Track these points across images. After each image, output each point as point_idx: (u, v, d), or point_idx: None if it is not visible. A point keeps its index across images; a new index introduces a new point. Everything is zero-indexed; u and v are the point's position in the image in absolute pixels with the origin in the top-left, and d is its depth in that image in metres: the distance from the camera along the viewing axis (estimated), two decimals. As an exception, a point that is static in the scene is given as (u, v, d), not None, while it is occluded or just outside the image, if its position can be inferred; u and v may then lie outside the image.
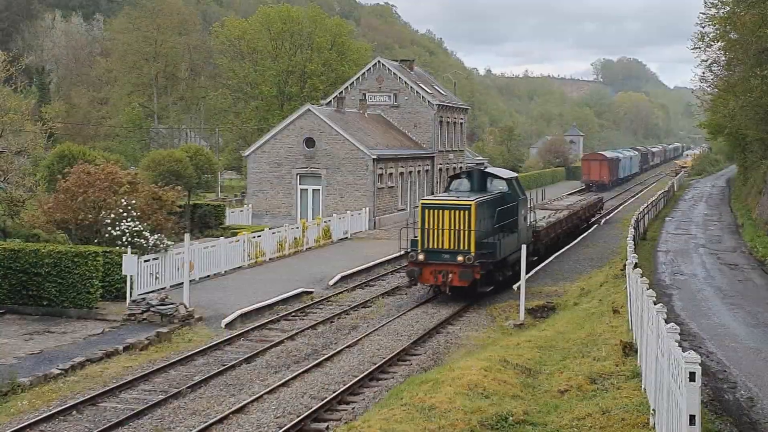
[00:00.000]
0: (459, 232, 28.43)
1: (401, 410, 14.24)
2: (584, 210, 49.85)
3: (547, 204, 49.47)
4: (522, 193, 33.34)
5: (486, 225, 29.45)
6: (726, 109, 51.96)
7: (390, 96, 60.75)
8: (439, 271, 28.51)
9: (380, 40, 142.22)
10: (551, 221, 40.40)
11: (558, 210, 45.42)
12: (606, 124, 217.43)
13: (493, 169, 37.65)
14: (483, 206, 29.57)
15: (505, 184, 32.49)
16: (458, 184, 32.61)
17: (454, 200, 29.32)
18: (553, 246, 39.78)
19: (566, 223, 43.31)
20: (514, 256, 30.63)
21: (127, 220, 29.77)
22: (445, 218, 28.59)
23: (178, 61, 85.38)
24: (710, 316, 22.33)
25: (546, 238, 37.75)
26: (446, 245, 28.57)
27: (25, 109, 44.63)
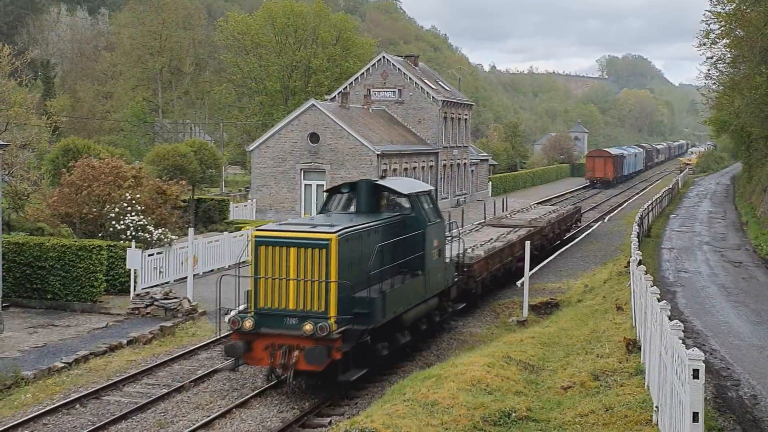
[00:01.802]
0: (310, 284, 17.88)
1: (404, 406, 14.25)
2: (553, 226, 39.44)
3: (504, 219, 39.24)
4: (436, 216, 22.74)
5: (358, 269, 18.72)
6: (731, 107, 51.93)
7: (394, 92, 60.71)
8: (277, 346, 17.76)
9: (385, 36, 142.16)
10: (495, 247, 29.93)
11: (515, 228, 35.54)
12: (611, 121, 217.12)
13: (392, 181, 23.70)
14: (355, 240, 18.80)
15: (407, 203, 21.86)
16: (338, 202, 22.08)
17: (303, 232, 18.31)
18: (504, 275, 31.09)
19: (523, 245, 31.04)
20: (419, 310, 21.38)
21: (131, 214, 29.82)
22: (290, 260, 17.96)
23: (182, 55, 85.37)
24: (714, 314, 22.31)
25: (485, 272, 28.14)
26: (290, 304, 17.98)
27: (30, 103, 44.66)
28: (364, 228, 19.59)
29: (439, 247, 22.72)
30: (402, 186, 22.37)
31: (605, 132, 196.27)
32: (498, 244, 30.52)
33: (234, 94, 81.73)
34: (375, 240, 19.63)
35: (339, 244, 17.94)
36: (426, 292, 21.78)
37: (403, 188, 22.05)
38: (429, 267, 21.73)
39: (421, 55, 79.24)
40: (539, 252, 36.19)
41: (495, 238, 31.73)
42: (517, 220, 38.36)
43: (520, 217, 39.89)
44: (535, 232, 35.71)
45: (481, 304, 28.66)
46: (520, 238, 32.72)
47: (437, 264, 22.58)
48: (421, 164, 58.29)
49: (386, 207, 22.00)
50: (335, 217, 20.52)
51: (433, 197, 23.21)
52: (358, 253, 18.87)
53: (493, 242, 30.73)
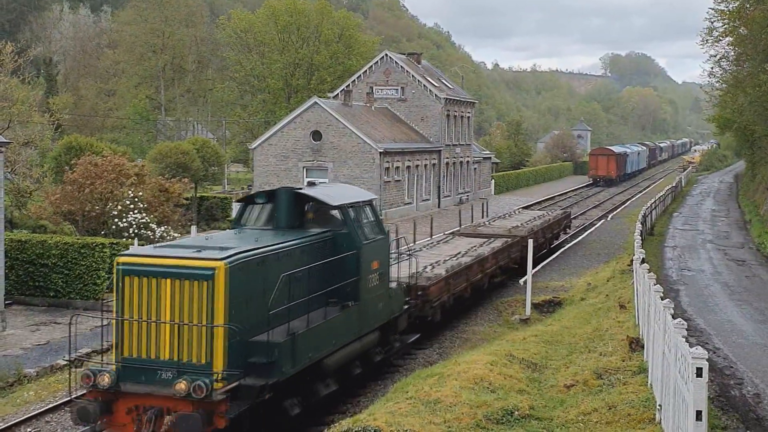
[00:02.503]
0: (188, 328, 13.56)
1: (406, 404, 14.23)
2: (536, 234, 34.49)
3: (481, 227, 35.68)
4: (377, 231, 18.54)
5: (260, 306, 14.31)
6: (734, 105, 51.84)
7: (397, 89, 60.68)
8: (144, 408, 13.53)
9: (388, 34, 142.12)
10: (461, 263, 25.69)
11: (490, 238, 31.74)
12: (614, 119, 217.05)
13: (322, 189, 19.49)
14: (255, 268, 14.39)
15: (338, 216, 17.56)
16: (254, 216, 17.89)
17: (183, 258, 13.85)
18: (474, 295, 27.38)
19: (498, 258, 29.60)
20: (350, 350, 17.21)
21: (133, 212, 29.83)
22: (164, 296, 13.69)
23: (185, 53, 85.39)
24: (717, 312, 22.27)
25: (446, 294, 23.86)
26: (164, 353, 13.67)
27: (33, 101, 44.70)
28: (271, 250, 15.01)
29: (381, 270, 18.36)
30: (332, 195, 17.87)
31: (608, 130, 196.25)
32: (465, 260, 26.20)
33: (236, 92, 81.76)
34: (288, 265, 15.12)
35: (229, 274, 13.52)
36: (361, 326, 17.54)
37: (333, 198, 17.61)
38: (366, 295, 17.53)
39: (423, 53, 79.17)
40: (519, 265, 31.32)
41: (463, 252, 27.58)
42: (495, 229, 34.61)
43: (499, 225, 36.20)
44: (514, 243, 31.54)
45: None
46: (493, 251, 28.95)
47: (378, 290, 18.24)
48: (423, 162, 58.25)
49: (314, 222, 17.61)
50: (241, 236, 16.31)
51: (374, 208, 18.92)
52: (261, 285, 14.37)
53: (459, 257, 26.57)
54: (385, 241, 18.82)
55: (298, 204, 17.49)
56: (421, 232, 41.57)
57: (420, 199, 57.86)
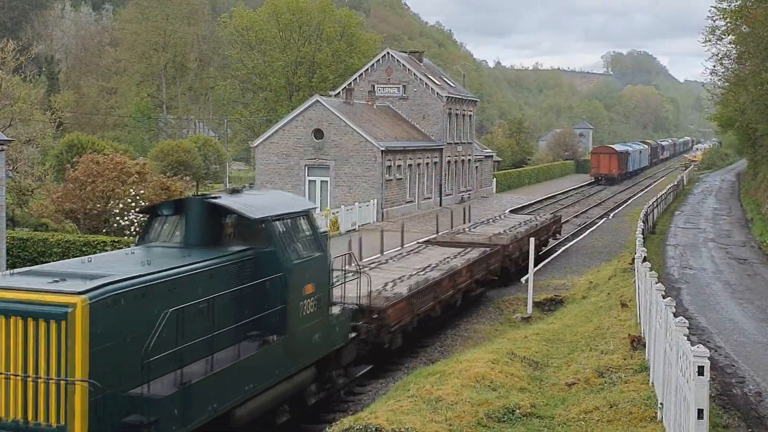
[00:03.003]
0: (34, 383, 10.66)
1: (408, 402, 14.22)
2: (520, 242, 31.80)
3: (459, 234, 32.89)
4: (312, 248, 15.43)
5: (137, 351, 11.21)
6: (736, 103, 51.86)
7: (399, 88, 60.65)
8: None
9: (389, 32, 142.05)
10: (428, 279, 22.60)
11: (467, 248, 28.95)
12: (615, 117, 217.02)
13: (244, 198, 15.27)
14: (134, 302, 11.43)
15: (262, 231, 14.42)
16: (161, 230, 14.80)
17: (32, 291, 10.85)
18: (445, 312, 24.33)
19: (473, 271, 26.45)
20: (273, 394, 14.33)
21: (135, 210, 29.83)
22: (10, 340, 10.77)
23: (187, 51, 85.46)
24: (719, 311, 22.26)
25: (408, 316, 20.66)
26: (5, 412, 10.79)
27: (34, 99, 44.70)
28: (161, 278, 11.96)
29: (318, 294, 15.19)
30: (254, 206, 14.49)
31: (610, 128, 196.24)
32: (434, 275, 23.16)
33: (238, 90, 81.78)
34: (187, 294, 12.20)
35: (93, 311, 10.55)
36: (290, 363, 14.46)
37: (255, 209, 14.29)
38: (296, 326, 14.41)
39: (425, 51, 79.15)
40: (498, 277, 29.62)
41: (434, 265, 24.67)
42: (474, 236, 31.89)
43: (480, 232, 33.37)
44: (493, 253, 28.73)
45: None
46: (468, 262, 25.93)
47: (313, 318, 15.06)
48: (425, 160, 58.25)
49: (233, 238, 14.54)
50: (131, 258, 13.06)
51: (312, 220, 15.75)
52: (144, 323, 11.31)
53: (428, 271, 23.61)
54: (322, 260, 15.51)
55: (213, 217, 14.33)
56: (424, 230, 41.53)
57: (421, 198, 57.85)
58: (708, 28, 48.74)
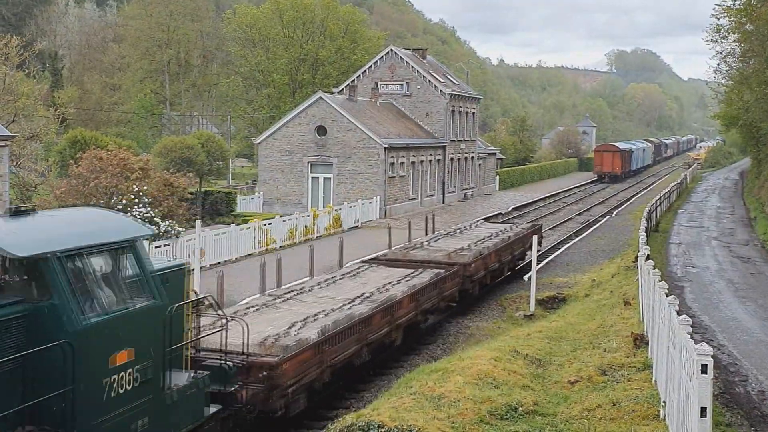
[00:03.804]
0: None
1: (410, 399, 14.22)
2: (485, 260, 27.67)
3: (414, 250, 28.08)
4: (139, 294, 10.94)
5: None
6: (740, 101, 51.79)
7: (402, 85, 60.61)
8: None
9: (393, 29, 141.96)
10: (353, 317, 17.96)
11: (418, 268, 24.56)
12: (619, 115, 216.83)
13: (20, 224, 10.09)
14: None
15: (38, 275, 9.77)
16: None
17: None
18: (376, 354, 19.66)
19: (419, 301, 21.76)
20: None
21: (138, 206, 29.84)
22: None
23: (190, 47, 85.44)
24: (722, 309, 22.23)
25: (314, 369, 15.95)
26: None
27: (38, 95, 44.75)
28: None
29: (142, 363, 10.72)
30: (26, 237, 9.92)
31: (613, 126, 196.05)
32: (362, 309, 18.50)
33: (241, 87, 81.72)
34: None
35: None
36: None
37: (25, 243, 9.75)
38: (96, 415, 9.96)
39: (428, 49, 79.01)
40: (458, 303, 25.94)
41: (368, 294, 20.18)
42: (431, 253, 27.45)
43: (439, 247, 28.90)
44: (449, 275, 24.42)
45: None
46: (412, 290, 21.41)
47: (133, 399, 10.58)
48: (428, 158, 58.22)
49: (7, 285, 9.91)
50: None
51: (139, 254, 11.08)
52: None
53: (355, 304, 18.98)
54: (155, 311, 11.01)
55: None
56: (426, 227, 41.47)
57: (424, 195, 57.83)
58: (712, 26, 48.65)
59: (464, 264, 25.92)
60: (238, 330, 13.87)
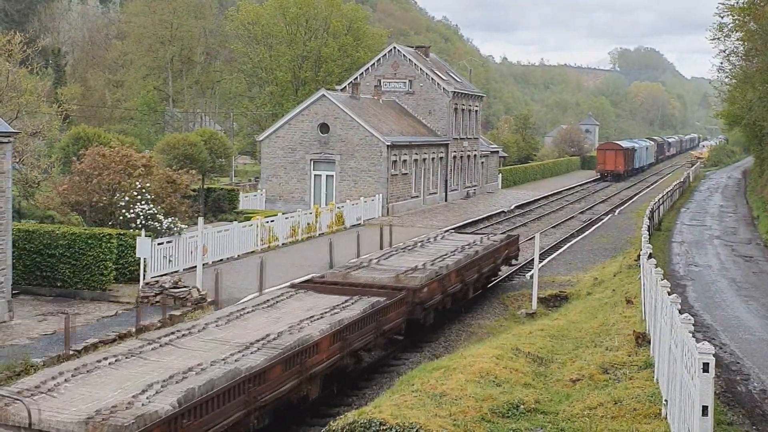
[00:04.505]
0: None
1: (412, 396, 14.23)
2: (442, 282, 23.47)
3: (358, 270, 23.50)
4: None
5: None
6: (743, 100, 51.73)
7: (405, 82, 60.58)
8: None
9: (396, 27, 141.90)
10: (239, 373, 13.71)
11: (356, 295, 20.61)
12: (622, 113, 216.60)
13: None
14: None
15: None
16: None
17: None
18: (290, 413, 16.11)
19: (346, 341, 17.46)
20: None
21: (141, 203, 29.86)
22: None
23: (193, 44, 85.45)
24: (724, 308, 22.21)
25: None
26: None
27: (41, 91, 44.77)
28: None
29: None
30: None
31: (616, 125, 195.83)
32: (253, 360, 14.33)
33: (244, 84, 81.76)
34: None
35: None
36: None
37: None
38: None
39: (431, 46, 79.00)
40: (404, 335, 21.81)
41: (272, 338, 15.81)
42: (377, 274, 22.99)
43: (390, 265, 24.34)
44: (393, 303, 20.23)
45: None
46: (335, 329, 16.93)
47: None
48: (431, 155, 58.20)
49: None
50: None
51: None
52: None
53: (249, 353, 14.79)
54: None
55: None
56: (428, 225, 41.49)
57: (427, 193, 57.82)
58: (715, 25, 48.59)
59: (414, 288, 21.58)
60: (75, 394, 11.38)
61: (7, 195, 22.97)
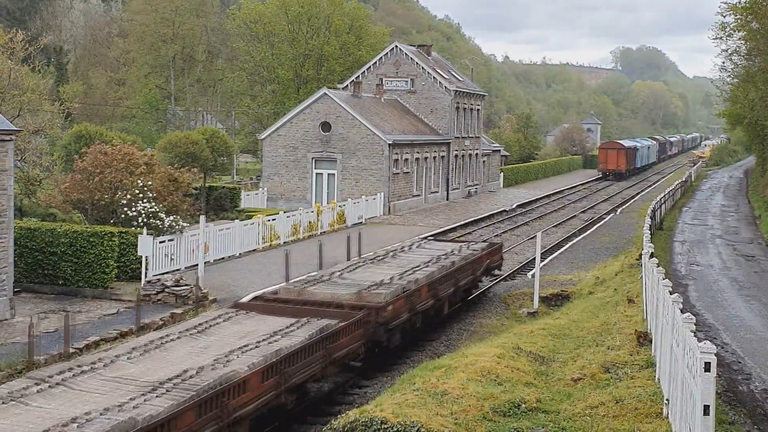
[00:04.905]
0: None
1: (413, 395, 14.23)
2: (411, 299, 20.71)
3: (316, 286, 20.65)
4: None
5: None
6: (745, 99, 51.67)
7: (407, 81, 60.57)
8: None
9: (398, 25, 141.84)
10: (132, 425, 10.81)
11: (311, 314, 17.89)
12: (624, 112, 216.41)
13: None
14: None
15: None
16: None
17: None
18: None
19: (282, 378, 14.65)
20: None
21: (143, 201, 29.87)
22: None
23: (195, 43, 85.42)
24: (726, 307, 22.21)
25: None
26: None
27: (43, 89, 44.72)
28: None
29: None
30: None
31: (618, 124, 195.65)
32: (158, 406, 11.70)
33: (246, 83, 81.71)
34: None
35: None
36: None
37: None
38: None
39: (433, 45, 78.94)
40: (362, 362, 19.06)
41: (189, 375, 13.17)
42: (338, 290, 20.23)
43: (353, 279, 21.60)
44: (347, 326, 17.33)
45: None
46: (271, 360, 14.36)
47: None
48: (432, 154, 58.19)
49: None
50: None
51: None
52: None
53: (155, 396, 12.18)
54: None
55: None
56: (430, 224, 41.45)
57: (428, 192, 57.81)
58: (718, 24, 48.56)
59: (376, 307, 18.97)
60: None
61: (9, 193, 22.98)
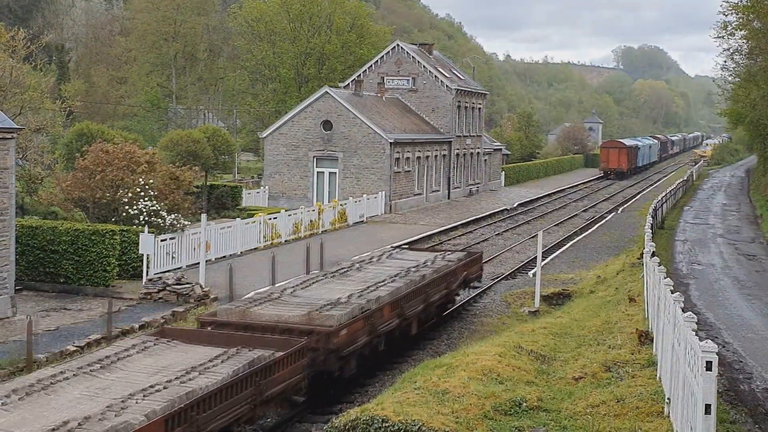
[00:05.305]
0: None
1: (415, 394, 14.23)
2: (366, 321, 18.01)
3: (262, 306, 17.78)
4: None
5: None
6: (747, 99, 51.64)
7: (408, 80, 60.55)
8: None
9: (399, 24, 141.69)
10: None
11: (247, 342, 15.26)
12: (625, 111, 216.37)
13: None
14: None
15: None
16: None
17: None
18: None
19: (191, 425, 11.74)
20: None
21: (144, 199, 29.89)
22: None
23: (197, 41, 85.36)
24: (727, 307, 22.20)
25: None
26: None
27: (44, 87, 44.70)
28: None
29: None
30: None
31: (620, 123, 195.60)
32: None
33: (247, 81, 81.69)
34: None
35: None
36: None
37: None
38: None
39: (435, 44, 78.93)
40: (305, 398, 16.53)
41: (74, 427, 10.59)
42: (285, 310, 17.54)
43: (306, 298, 18.87)
44: (287, 357, 14.79)
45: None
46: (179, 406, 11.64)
47: None
48: (434, 153, 58.18)
49: None
50: None
51: None
52: None
53: None
54: None
55: None
56: (431, 223, 41.43)
57: (430, 190, 57.81)
58: (719, 23, 48.54)
59: (326, 332, 16.38)
60: None
61: (10, 191, 22.99)
